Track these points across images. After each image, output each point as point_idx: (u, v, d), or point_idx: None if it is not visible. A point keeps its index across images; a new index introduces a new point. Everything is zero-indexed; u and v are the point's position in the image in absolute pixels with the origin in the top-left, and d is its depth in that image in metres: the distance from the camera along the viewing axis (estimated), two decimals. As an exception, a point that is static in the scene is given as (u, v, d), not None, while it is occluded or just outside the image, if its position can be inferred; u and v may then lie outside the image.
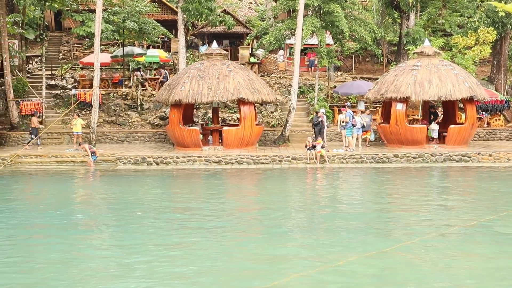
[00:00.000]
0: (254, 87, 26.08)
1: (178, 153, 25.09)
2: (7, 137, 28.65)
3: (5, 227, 14.02)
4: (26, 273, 10.48)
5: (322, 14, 29.50)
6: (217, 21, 32.81)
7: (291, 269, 10.44)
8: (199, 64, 27.16)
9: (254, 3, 52.36)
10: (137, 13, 33.75)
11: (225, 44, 41.44)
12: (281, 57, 40.11)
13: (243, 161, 24.25)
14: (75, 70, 36.79)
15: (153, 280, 9.99)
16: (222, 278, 10.14)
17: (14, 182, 21.43)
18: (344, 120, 25.72)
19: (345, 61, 40.04)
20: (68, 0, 31.29)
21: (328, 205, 16.82)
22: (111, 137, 29.72)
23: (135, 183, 20.92)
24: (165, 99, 26.37)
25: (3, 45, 28.28)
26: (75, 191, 20.15)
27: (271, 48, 31.85)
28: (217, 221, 14.36)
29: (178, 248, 11.93)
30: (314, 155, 24.08)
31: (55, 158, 24.98)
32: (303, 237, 12.97)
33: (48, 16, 41.54)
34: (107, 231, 13.78)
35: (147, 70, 37.06)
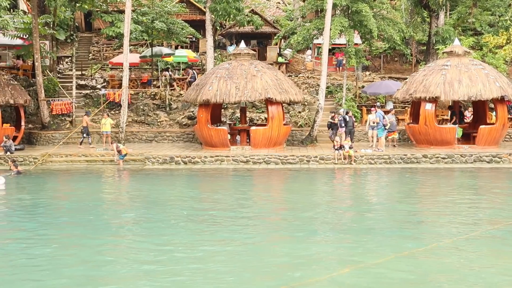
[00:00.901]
0: (282, 87, 26.06)
1: (206, 152, 25.19)
2: (38, 136, 29.08)
3: (38, 225, 14.24)
4: (55, 272, 10.61)
5: (350, 14, 29.34)
6: (245, 21, 32.86)
7: (320, 270, 10.41)
8: (227, 64, 27.25)
9: (282, 3, 52.32)
10: (166, 14, 33.99)
11: (253, 44, 41.49)
12: (309, 57, 40.02)
13: (271, 161, 24.26)
14: (105, 70, 37.20)
15: (181, 278, 10.06)
16: (251, 277, 10.16)
17: (45, 181, 21.74)
18: (375, 121, 25.53)
19: (373, 61, 39.79)
20: (98, 1, 31.69)
21: (356, 205, 16.73)
22: (139, 136, 29.98)
23: (163, 182, 21.07)
24: (193, 99, 26.51)
25: (35, 46, 28.70)
26: (105, 190, 20.37)
27: (299, 48, 31.79)
28: (245, 221, 14.39)
29: (206, 247, 11.97)
30: (342, 155, 23.97)
31: (85, 157, 25.29)
32: (332, 237, 12.91)
33: (79, 17, 42.09)
34: (137, 229, 13.90)
35: (176, 70, 37.28)
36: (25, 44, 32.50)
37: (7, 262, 11.20)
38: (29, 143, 28.88)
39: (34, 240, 12.78)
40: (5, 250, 12.07)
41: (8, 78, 28.09)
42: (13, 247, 12.25)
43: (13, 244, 12.46)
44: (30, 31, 29.49)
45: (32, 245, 12.33)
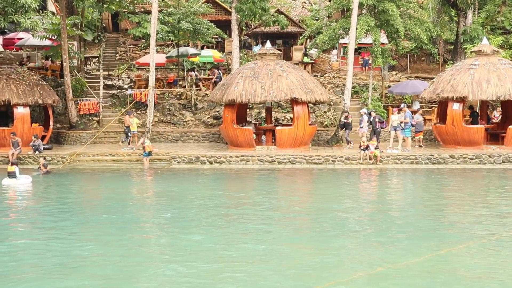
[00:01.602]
0: (308, 86, 26.01)
1: (231, 152, 25.26)
2: (66, 136, 29.44)
3: (67, 224, 14.45)
4: (84, 271, 10.75)
5: (377, 13, 29.15)
6: (270, 21, 32.84)
7: (345, 271, 10.38)
8: (252, 64, 27.28)
9: (307, 2, 52.19)
10: (192, 14, 34.14)
11: (279, 44, 41.47)
12: (335, 57, 39.87)
13: (296, 161, 24.22)
14: (131, 71, 37.52)
15: (206, 278, 10.11)
16: (276, 277, 10.16)
17: (74, 180, 21.99)
18: (404, 121, 25.32)
19: (400, 60, 39.48)
20: (125, 2, 31.96)
21: (382, 206, 16.62)
22: (165, 136, 30.15)
23: (189, 182, 21.19)
24: (218, 99, 26.60)
25: (63, 47, 29.06)
26: (132, 189, 20.56)
27: (324, 48, 31.71)
28: (270, 220, 14.41)
29: (231, 246, 12.02)
30: (368, 156, 23.84)
31: (112, 157, 25.54)
32: (357, 238, 12.85)
33: (106, 17, 42.49)
34: (165, 228, 14.02)
35: (201, 70, 37.42)
36: (54, 45, 32.93)
37: (36, 260, 11.38)
38: (57, 142, 29.26)
39: (63, 238, 12.97)
40: (35, 248, 12.26)
41: (37, 78, 28.49)
42: (43, 245, 12.44)
43: (43, 242, 12.66)
44: (59, 32, 29.87)
45: (61, 243, 12.51)
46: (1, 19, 26.10)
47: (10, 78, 26.83)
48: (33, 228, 14.24)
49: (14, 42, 36.32)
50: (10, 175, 20.14)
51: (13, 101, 26.25)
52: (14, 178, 20.15)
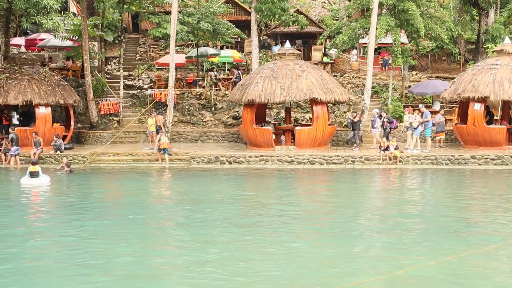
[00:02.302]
0: (327, 87, 25.95)
1: (250, 152, 25.28)
2: (87, 136, 29.69)
3: (91, 223, 14.58)
4: (105, 268, 10.83)
5: (397, 13, 29.00)
6: (290, 21, 32.82)
7: (363, 272, 10.34)
8: (272, 64, 27.29)
9: (327, 2, 52.08)
10: (211, 14, 34.25)
11: (298, 44, 41.44)
12: (355, 57, 39.72)
13: (316, 161, 24.18)
14: (151, 71, 37.72)
15: (224, 278, 10.14)
16: (297, 277, 10.15)
17: (95, 179, 22.19)
18: (424, 120, 25.19)
19: (420, 60, 39.21)
20: (145, 3, 32.14)
21: (401, 207, 16.51)
22: (185, 136, 30.27)
23: (208, 181, 21.23)
24: (238, 99, 26.65)
25: (84, 47, 29.31)
26: (152, 188, 20.67)
27: (344, 48, 31.62)
28: (289, 221, 14.41)
29: (252, 247, 12.03)
30: (387, 156, 23.72)
31: (132, 156, 25.71)
32: (376, 239, 12.80)
33: (126, 18, 42.77)
34: (184, 227, 14.07)
35: (221, 70, 37.52)
36: (75, 46, 33.23)
37: (60, 257, 11.50)
38: (78, 142, 29.52)
39: (86, 236, 13.09)
40: (57, 246, 12.39)
41: (59, 78, 28.76)
42: (66, 243, 12.57)
43: (66, 240, 12.80)
44: (80, 32, 30.15)
45: (84, 241, 12.63)
46: (24, 20, 26.44)
47: (32, 79, 27.13)
48: (56, 227, 14.38)
49: (36, 43, 36.71)
50: (32, 175, 20.32)
51: (35, 101, 26.53)
52: (37, 177, 20.31)
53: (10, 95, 26.37)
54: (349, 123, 26.38)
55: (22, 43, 35.63)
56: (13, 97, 26.38)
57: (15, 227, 14.11)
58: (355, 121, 25.99)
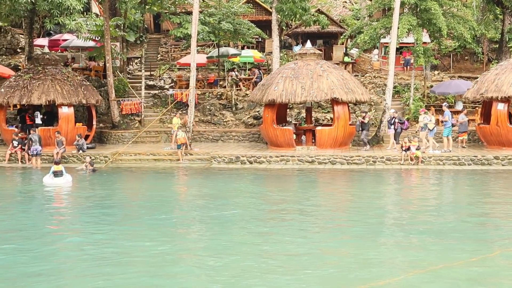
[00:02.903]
0: (348, 86, 25.85)
1: (271, 152, 25.28)
2: (109, 135, 29.92)
3: (115, 222, 14.73)
4: (124, 268, 10.91)
5: (419, 12, 28.77)
6: (311, 20, 32.75)
7: (385, 273, 10.28)
8: (292, 64, 27.26)
9: (348, 2, 51.88)
10: (232, 14, 34.32)
11: (319, 43, 41.33)
12: (376, 56, 39.51)
13: (336, 161, 24.10)
14: (173, 71, 37.91)
15: (247, 278, 10.16)
16: (317, 277, 10.13)
17: (117, 178, 22.32)
18: (443, 120, 25.02)
19: (442, 60, 38.87)
20: (166, 3, 32.30)
21: (423, 207, 16.38)
22: (206, 136, 30.37)
23: (229, 181, 21.27)
24: (259, 99, 26.66)
25: (106, 48, 29.55)
26: (173, 188, 20.79)
27: (365, 47, 31.43)
28: (310, 221, 14.38)
29: (273, 247, 12.01)
30: (409, 156, 23.56)
31: (153, 156, 25.86)
32: (397, 240, 12.72)
33: (148, 19, 43.05)
34: (206, 226, 14.14)
35: (242, 70, 37.58)
36: (97, 46, 33.56)
37: (79, 257, 11.61)
38: (100, 141, 29.76)
39: (109, 235, 13.22)
40: (81, 245, 12.52)
41: (81, 79, 29.03)
42: (90, 242, 12.69)
43: (90, 240, 12.92)
44: (102, 33, 30.42)
45: (107, 241, 12.75)
46: (47, 21, 26.75)
47: (55, 79, 27.42)
48: (79, 225, 14.53)
49: (59, 43, 37.10)
50: (56, 174, 20.51)
51: (58, 101, 26.80)
52: (60, 177, 20.50)
53: (33, 95, 26.69)
54: (358, 124, 26.11)
55: (45, 44, 36.00)
56: (37, 97, 26.69)
57: (40, 226, 14.28)
58: (365, 122, 25.80)
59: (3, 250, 11.93)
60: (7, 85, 27.57)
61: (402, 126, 25.66)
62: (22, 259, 11.30)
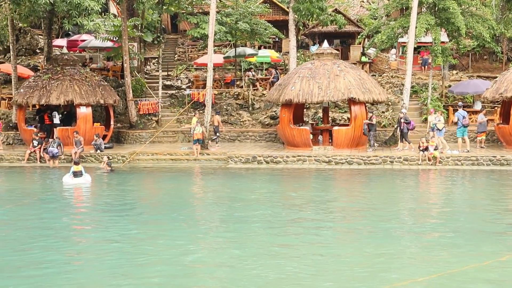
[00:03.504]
0: (365, 86, 25.75)
1: (288, 152, 25.26)
2: (126, 135, 30.08)
3: (132, 221, 14.82)
4: (148, 267, 10.97)
5: (437, 11, 28.56)
6: (328, 20, 32.66)
7: (404, 274, 10.21)
8: (309, 64, 27.21)
9: (366, 1, 51.64)
10: (249, 14, 34.31)
11: (336, 43, 41.21)
12: (393, 56, 39.28)
13: (353, 161, 24.02)
14: (190, 71, 38.01)
15: (263, 278, 10.15)
16: (335, 278, 10.10)
17: (134, 178, 22.43)
18: (453, 121, 24.87)
19: (461, 59, 38.54)
20: (183, 3, 32.41)
21: (441, 208, 16.28)
22: (222, 136, 30.37)
23: (246, 181, 21.30)
24: (275, 99, 26.65)
25: (124, 48, 29.71)
26: (190, 188, 20.87)
27: (383, 47, 31.28)
28: (327, 221, 14.35)
29: (290, 248, 12.01)
30: (427, 157, 23.41)
31: (170, 156, 25.96)
32: (415, 241, 12.65)
33: (165, 19, 43.20)
34: (222, 226, 14.17)
35: (258, 70, 37.56)
36: (115, 46, 33.76)
37: (100, 257, 11.71)
38: (118, 141, 29.93)
39: (127, 235, 13.33)
40: (99, 244, 12.62)
41: (99, 79, 29.23)
42: (107, 241, 12.79)
43: (108, 239, 13.02)
44: (120, 33, 30.61)
45: (125, 240, 12.84)
46: (66, 22, 26.94)
47: (74, 79, 27.64)
48: (97, 225, 14.65)
49: (78, 44, 37.40)
50: (76, 174, 20.65)
51: (76, 101, 27.02)
52: (80, 177, 20.65)
53: (52, 95, 26.93)
54: (365, 127, 25.54)
55: (64, 44, 36.32)
56: (55, 97, 26.93)
57: (61, 226, 14.44)
58: (373, 123, 25.57)
59: (29, 248, 12.15)
60: (26, 85, 27.87)
61: (408, 126, 25.45)
62: (48, 257, 11.52)
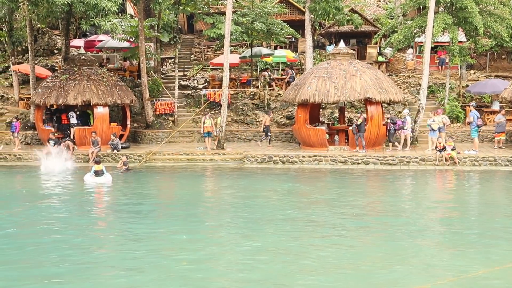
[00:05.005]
0: (382, 86, 25.64)
1: (304, 152, 25.22)
2: (143, 135, 30.23)
3: (149, 221, 14.90)
4: (163, 267, 11.01)
5: (454, 10, 28.37)
6: (344, 20, 32.56)
7: (423, 276, 10.12)
8: (326, 64, 27.15)
9: (382, 1, 51.39)
10: (265, 14, 34.31)
11: (352, 43, 41.01)
12: (410, 56, 39.05)
13: (370, 162, 23.92)
14: (206, 71, 38.10)
15: (277, 280, 10.15)
16: (350, 282, 10.06)
17: (150, 178, 22.51)
18: (469, 121, 24.69)
19: (478, 59, 38.23)
20: (200, 4, 32.48)
21: (458, 209, 16.16)
22: (239, 136, 30.45)
23: (262, 181, 21.29)
24: (291, 99, 26.63)
25: (141, 48, 29.86)
26: (206, 187, 20.95)
27: (399, 47, 31.11)
28: (344, 223, 14.28)
29: (303, 250, 11.99)
30: (444, 157, 23.25)
31: (186, 156, 26.03)
32: (432, 244, 12.54)
33: (181, 19, 43.34)
34: (237, 227, 14.17)
35: (275, 70, 37.56)
36: (132, 47, 33.92)
37: (115, 256, 11.78)
38: (134, 141, 30.08)
39: (143, 234, 13.39)
40: (118, 241, 12.70)
41: (116, 79, 29.39)
42: (124, 240, 12.86)
43: (124, 238, 13.10)
44: (137, 34, 30.76)
45: (142, 239, 12.90)
46: (83, 23, 27.13)
47: (91, 79, 27.82)
48: (113, 224, 14.76)
49: (95, 44, 37.60)
50: (97, 173, 20.82)
51: (93, 101, 27.20)
52: (101, 176, 20.82)
53: (69, 96, 27.13)
54: (354, 127, 25.29)
55: (81, 45, 36.57)
56: (73, 97, 27.13)
57: (82, 223, 14.59)
58: (359, 123, 25.35)
59: (53, 243, 12.44)
60: (44, 85, 28.10)
61: (394, 126, 25.29)
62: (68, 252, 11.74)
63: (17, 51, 34.46)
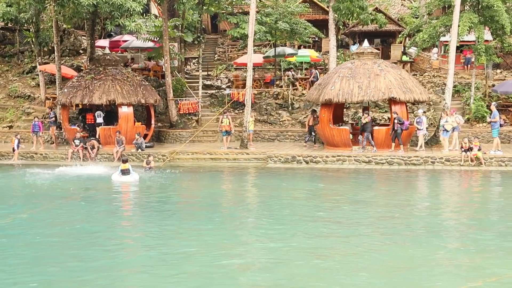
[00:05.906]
0: (406, 86, 25.46)
1: (327, 152, 25.15)
2: (167, 135, 30.41)
3: (172, 220, 15.02)
4: (183, 267, 11.08)
5: (480, 9, 28.02)
6: (368, 19, 32.37)
7: (453, 281, 10.03)
8: (349, 64, 27.04)
9: (407, 0, 51.01)
10: (289, 14, 34.28)
11: (377, 42, 40.79)
12: (435, 55, 38.71)
13: (394, 162, 23.78)
14: (229, 71, 38.18)
15: (296, 282, 10.15)
16: (374, 284, 10.01)
17: (174, 177, 22.58)
18: (492, 120, 24.40)
19: (505, 58, 37.73)
20: (223, 4, 32.57)
21: (482, 211, 15.96)
22: (262, 135, 30.47)
23: (285, 181, 21.25)
24: (315, 99, 26.57)
25: (165, 48, 30.05)
26: (230, 187, 20.98)
27: (424, 46, 30.81)
28: (367, 224, 14.22)
29: (327, 251, 11.97)
30: (469, 157, 23.00)
31: (209, 155, 26.12)
32: (455, 245, 12.40)
33: (205, 19, 43.47)
34: (260, 227, 14.19)
35: (298, 69, 37.49)
36: (156, 47, 34.14)
37: (138, 256, 11.88)
38: (158, 140, 30.26)
39: (165, 234, 13.48)
40: (142, 241, 12.81)
41: (140, 79, 29.60)
42: (146, 240, 12.97)
43: (146, 238, 13.21)
44: (161, 34, 30.96)
45: (164, 239, 12.99)
46: (108, 23, 27.38)
47: (116, 79, 28.06)
48: (137, 223, 14.90)
49: (120, 44, 37.93)
50: (124, 172, 21.02)
51: (118, 101, 27.42)
52: (128, 175, 21.01)
53: (95, 95, 27.39)
54: (360, 125, 25.18)
55: (106, 45, 36.90)
56: (98, 97, 27.38)
57: (108, 223, 14.75)
58: (364, 122, 25.13)
59: (76, 243, 12.57)
60: (70, 85, 28.41)
61: (402, 127, 25.00)
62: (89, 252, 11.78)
63: (44, 52, 34.91)
